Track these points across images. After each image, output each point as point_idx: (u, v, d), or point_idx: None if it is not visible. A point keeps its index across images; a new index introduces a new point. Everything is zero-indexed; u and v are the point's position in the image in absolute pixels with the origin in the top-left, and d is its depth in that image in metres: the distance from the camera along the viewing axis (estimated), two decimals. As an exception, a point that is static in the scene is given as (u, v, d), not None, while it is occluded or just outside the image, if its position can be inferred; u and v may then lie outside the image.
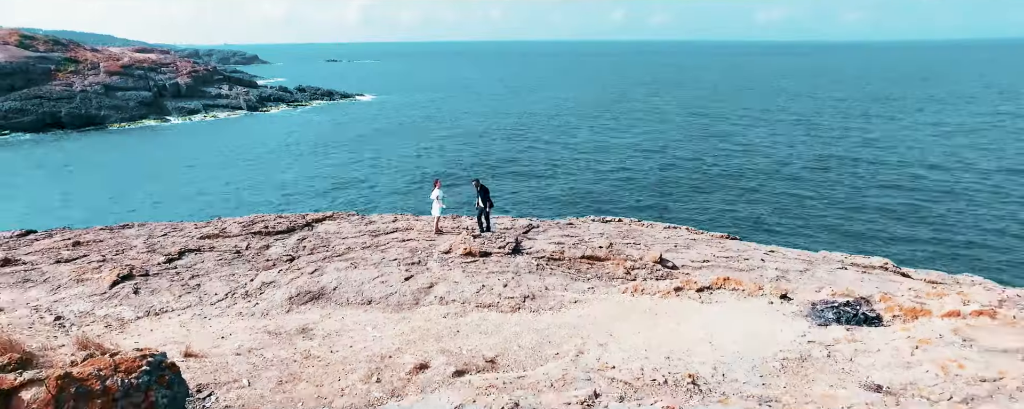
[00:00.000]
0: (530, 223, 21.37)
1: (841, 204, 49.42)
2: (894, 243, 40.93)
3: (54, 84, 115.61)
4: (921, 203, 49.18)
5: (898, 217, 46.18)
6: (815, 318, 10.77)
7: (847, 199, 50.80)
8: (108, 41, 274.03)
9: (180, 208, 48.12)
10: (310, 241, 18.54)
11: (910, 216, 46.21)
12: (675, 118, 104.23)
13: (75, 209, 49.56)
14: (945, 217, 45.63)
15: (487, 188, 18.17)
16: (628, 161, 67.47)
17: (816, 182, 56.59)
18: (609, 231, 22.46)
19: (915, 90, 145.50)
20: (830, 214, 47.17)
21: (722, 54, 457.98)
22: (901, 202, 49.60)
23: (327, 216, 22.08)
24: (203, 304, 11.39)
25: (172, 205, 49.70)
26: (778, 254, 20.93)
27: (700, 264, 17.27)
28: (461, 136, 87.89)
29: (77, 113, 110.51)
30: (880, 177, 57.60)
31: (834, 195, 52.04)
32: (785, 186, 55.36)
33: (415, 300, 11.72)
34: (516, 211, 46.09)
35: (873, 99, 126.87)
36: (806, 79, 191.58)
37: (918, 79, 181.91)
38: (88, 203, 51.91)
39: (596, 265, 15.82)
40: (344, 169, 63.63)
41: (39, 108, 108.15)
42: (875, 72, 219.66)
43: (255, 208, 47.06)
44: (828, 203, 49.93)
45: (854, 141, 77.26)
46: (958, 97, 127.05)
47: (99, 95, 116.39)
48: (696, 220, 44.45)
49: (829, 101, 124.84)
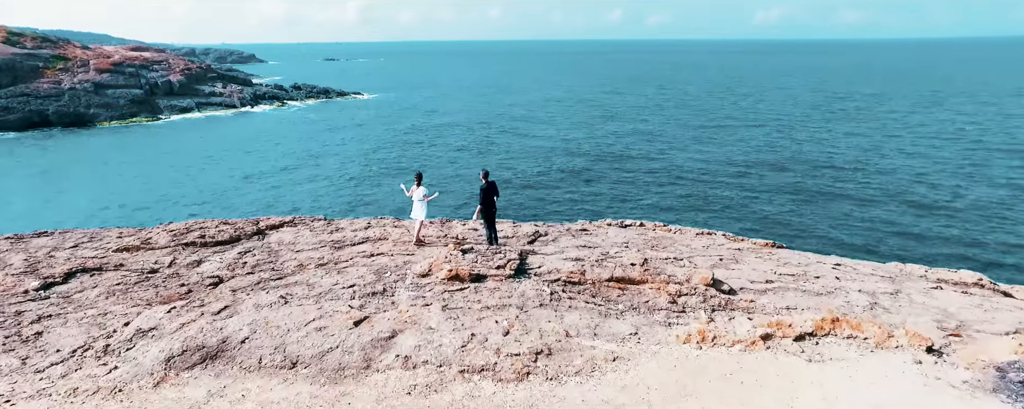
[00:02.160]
0: (536, 230, 17.14)
1: (853, 199, 45.15)
2: (907, 239, 37.23)
3: (42, 82, 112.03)
4: (923, 196, 44.96)
5: (917, 214, 42.19)
6: (1008, 395, 6.55)
7: (861, 195, 46.53)
8: (104, 40, 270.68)
9: (144, 213, 43.96)
10: (254, 255, 14.37)
11: (909, 211, 42.51)
12: (674, 113, 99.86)
13: (33, 212, 45.53)
14: (958, 213, 41.76)
15: (495, 184, 14.00)
16: (630, 160, 63.16)
17: (835, 180, 52.28)
18: (632, 238, 18.24)
19: (904, 86, 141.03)
20: (857, 215, 42.86)
21: (719, 52, 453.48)
22: (912, 198, 45.37)
23: (286, 221, 17.89)
24: (25, 370, 7.25)
25: (135, 209, 45.51)
26: (847, 267, 16.69)
27: (763, 286, 13.03)
28: (458, 133, 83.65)
29: (65, 111, 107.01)
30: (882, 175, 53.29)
31: (851, 193, 47.72)
32: (821, 184, 51.02)
33: (365, 362, 7.53)
34: (516, 214, 41.88)
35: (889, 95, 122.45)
36: (807, 76, 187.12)
37: (908, 75, 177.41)
38: (61, 205, 47.88)
39: (630, 290, 11.61)
40: (331, 168, 59.29)
41: (25, 106, 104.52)
42: (892, 68, 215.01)
43: (227, 211, 42.91)
44: (849, 201, 45.62)
45: (845, 140, 72.92)
46: (942, 95, 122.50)
47: (88, 93, 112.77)
48: (717, 222, 40.19)
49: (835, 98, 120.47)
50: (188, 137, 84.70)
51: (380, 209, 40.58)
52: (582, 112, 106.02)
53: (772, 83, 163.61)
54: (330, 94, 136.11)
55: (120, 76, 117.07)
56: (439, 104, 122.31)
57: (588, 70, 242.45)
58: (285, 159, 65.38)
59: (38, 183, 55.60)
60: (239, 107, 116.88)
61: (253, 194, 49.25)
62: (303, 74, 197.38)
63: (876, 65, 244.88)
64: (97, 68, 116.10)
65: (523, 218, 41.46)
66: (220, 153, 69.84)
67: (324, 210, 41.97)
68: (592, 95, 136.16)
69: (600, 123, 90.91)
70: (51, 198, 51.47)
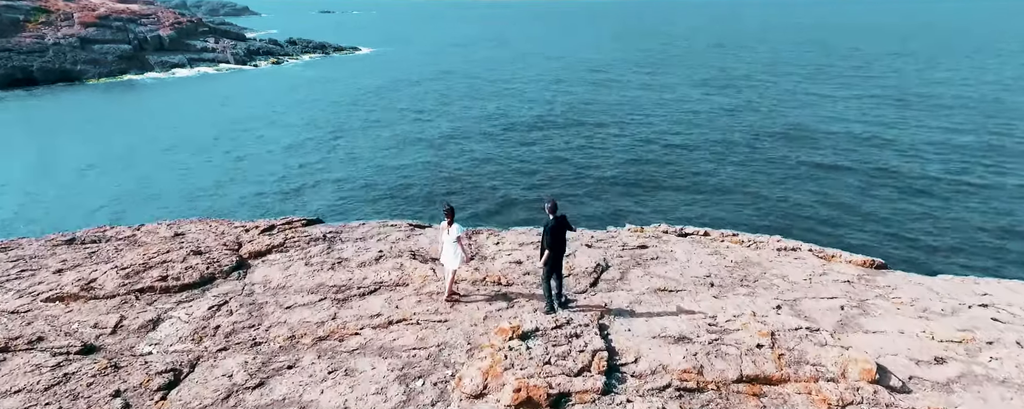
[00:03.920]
0: (598, 262, 13.39)
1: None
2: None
3: (24, 36, 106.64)
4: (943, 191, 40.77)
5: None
6: None
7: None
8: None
9: (122, 201, 39.94)
10: (231, 309, 10.71)
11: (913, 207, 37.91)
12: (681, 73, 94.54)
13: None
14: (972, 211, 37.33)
15: (566, 219, 10.05)
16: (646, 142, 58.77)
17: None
18: (709, 264, 14.56)
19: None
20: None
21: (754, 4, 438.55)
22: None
23: (275, 245, 14.12)
24: None
25: (113, 198, 41.40)
26: (994, 298, 13.07)
27: (937, 371, 9.35)
28: (470, 97, 78.84)
29: (50, 68, 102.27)
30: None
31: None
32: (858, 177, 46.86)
33: None
34: (531, 191, 37.95)
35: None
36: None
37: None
38: (38, 173, 43.95)
39: (769, 395, 8.00)
40: (329, 147, 54.51)
41: (8, 62, 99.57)
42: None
43: (214, 201, 39.00)
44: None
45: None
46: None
47: (74, 49, 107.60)
48: (756, 223, 36.27)
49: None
50: (177, 98, 79.93)
51: (393, 209, 36.51)
52: (584, 71, 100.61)
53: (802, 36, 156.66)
54: (327, 49, 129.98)
55: (107, 30, 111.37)
56: (446, 61, 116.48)
57: (585, 27, 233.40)
58: (282, 127, 60.92)
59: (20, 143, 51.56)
60: (232, 63, 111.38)
61: (246, 173, 45.12)
62: (298, 28, 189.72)
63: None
64: (82, 22, 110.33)
65: (528, 190, 36.82)
66: (211, 118, 65.31)
67: (323, 199, 37.88)
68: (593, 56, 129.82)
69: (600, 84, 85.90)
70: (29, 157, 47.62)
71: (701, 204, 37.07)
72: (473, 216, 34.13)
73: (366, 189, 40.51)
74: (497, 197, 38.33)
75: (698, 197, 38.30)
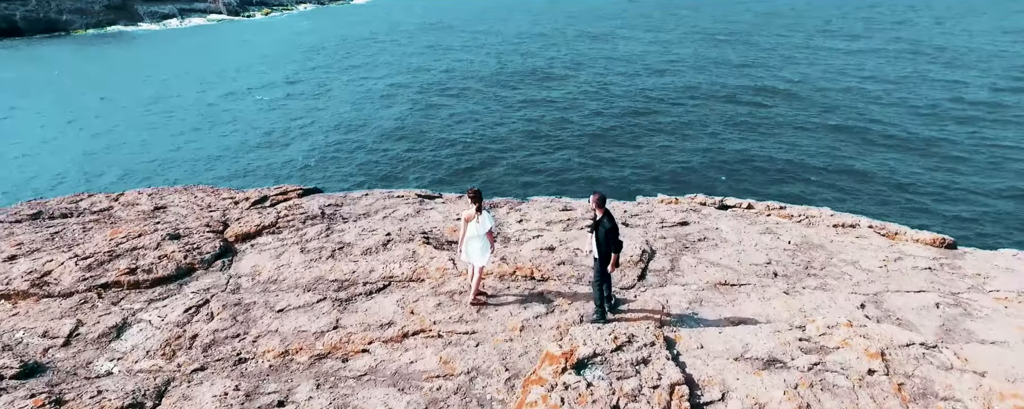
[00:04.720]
0: (643, 248, 11.49)
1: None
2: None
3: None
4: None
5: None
6: None
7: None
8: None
9: (95, 166, 37.68)
10: (211, 309, 8.88)
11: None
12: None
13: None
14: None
15: (612, 216, 8.01)
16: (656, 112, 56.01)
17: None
18: (768, 247, 12.66)
19: None
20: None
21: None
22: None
23: (266, 225, 12.19)
24: None
25: (88, 157, 39.14)
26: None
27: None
28: (471, 48, 75.44)
29: (34, 17, 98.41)
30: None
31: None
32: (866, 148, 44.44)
33: None
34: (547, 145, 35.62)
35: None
36: None
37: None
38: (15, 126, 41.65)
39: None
40: (326, 104, 51.51)
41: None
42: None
43: (204, 162, 36.79)
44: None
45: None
46: None
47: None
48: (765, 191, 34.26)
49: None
50: (166, 51, 76.58)
51: (403, 177, 34.08)
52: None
53: None
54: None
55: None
56: (441, 10, 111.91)
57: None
58: (275, 84, 58.05)
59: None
60: (225, 14, 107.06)
61: (239, 132, 42.73)
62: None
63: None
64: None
65: (562, 165, 35.29)
66: (201, 74, 62.30)
67: (321, 167, 35.40)
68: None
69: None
70: (6, 115, 45.23)
71: (712, 169, 34.97)
72: (485, 183, 32.00)
73: (365, 151, 38.30)
74: (506, 162, 36.13)
75: (704, 158, 36.18)
